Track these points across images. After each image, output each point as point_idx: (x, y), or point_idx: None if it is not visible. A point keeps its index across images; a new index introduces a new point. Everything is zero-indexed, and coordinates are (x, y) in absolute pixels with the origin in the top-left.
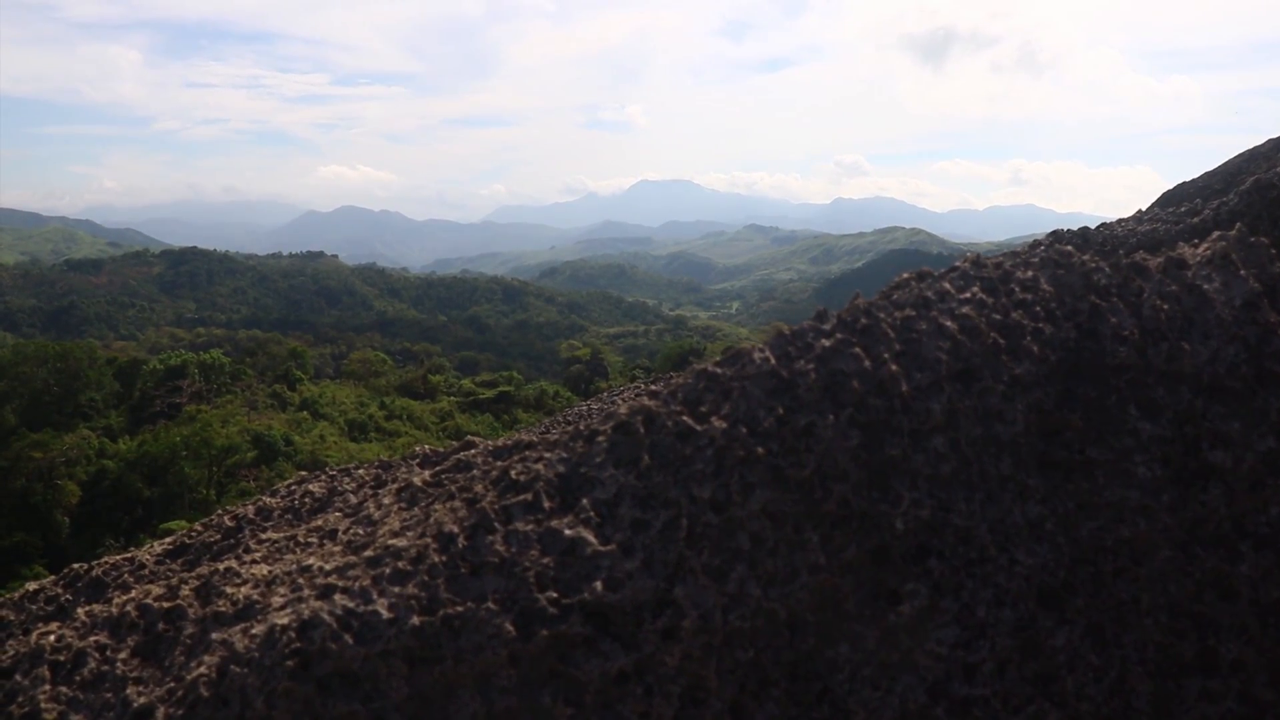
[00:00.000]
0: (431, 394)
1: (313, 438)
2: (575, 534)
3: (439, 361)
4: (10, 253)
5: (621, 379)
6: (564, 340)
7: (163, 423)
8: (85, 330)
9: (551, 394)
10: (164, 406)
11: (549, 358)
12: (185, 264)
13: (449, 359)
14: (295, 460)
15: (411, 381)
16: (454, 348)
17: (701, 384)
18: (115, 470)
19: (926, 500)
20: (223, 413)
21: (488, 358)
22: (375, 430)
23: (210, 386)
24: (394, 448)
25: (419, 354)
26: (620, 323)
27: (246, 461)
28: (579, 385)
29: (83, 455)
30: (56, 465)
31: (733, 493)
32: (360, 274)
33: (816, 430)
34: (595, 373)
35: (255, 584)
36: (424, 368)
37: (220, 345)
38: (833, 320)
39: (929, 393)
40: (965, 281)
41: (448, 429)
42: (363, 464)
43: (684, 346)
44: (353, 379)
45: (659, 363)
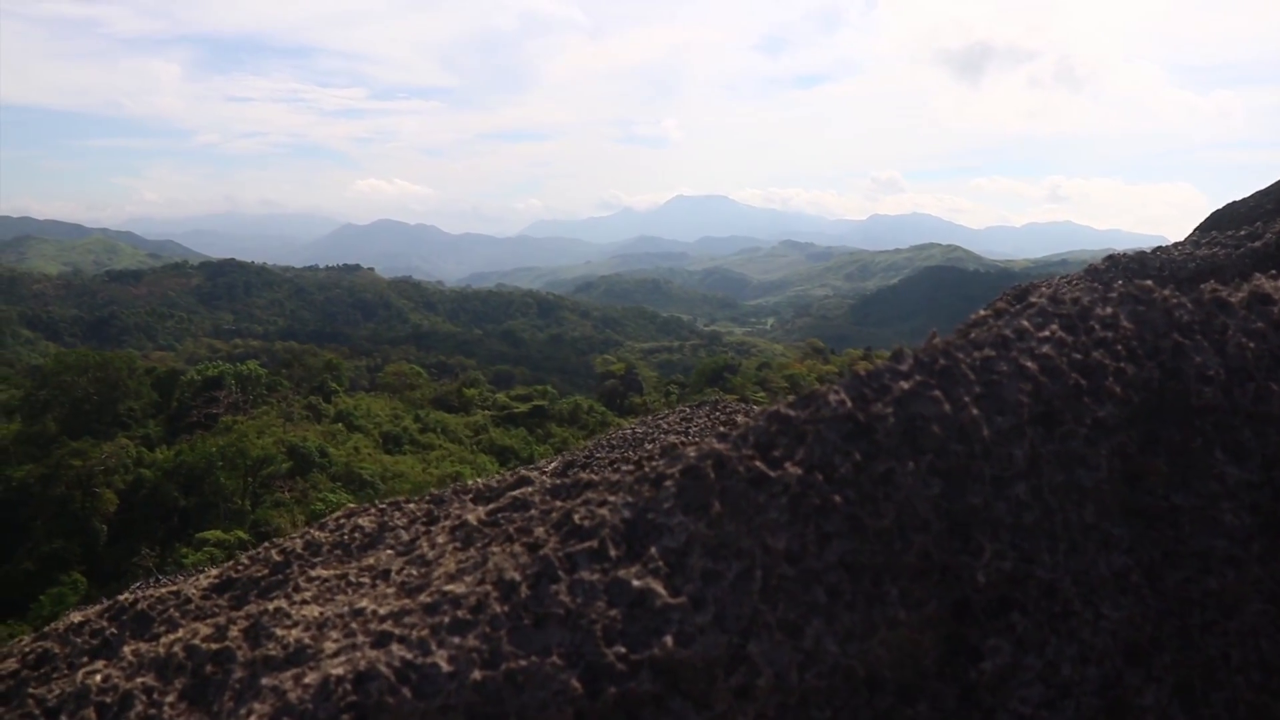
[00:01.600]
0: (466, 407)
1: (347, 449)
2: (644, 585)
3: (474, 375)
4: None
5: (656, 394)
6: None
7: (199, 433)
8: (125, 340)
9: (586, 409)
10: (201, 417)
11: (583, 372)
12: (223, 276)
13: (484, 372)
14: (330, 472)
15: (446, 394)
16: (489, 361)
17: (774, 427)
18: (152, 479)
19: (1009, 551)
20: (258, 424)
21: (522, 371)
22: (410, 443)
23: (246, 397)
24: (428, 460)
25: (454, 367)
26: (655, 338)
27: (281, 472)
28: (613, 400)
29: (121, 464)
30: (95, 473)
31: (808, 543)
32: (396, 287)
33: (896, 478)
34: (630, 388)
35: (306, 626)
36: (459, 381)
37: (257, 356)
38: (910, 361)
39: (1011, 437)
40: (1044, 319)
41: (482, 442)
42: (413, 498)
43: (719, 362)
44: (388, 391)
45: (693, 378)
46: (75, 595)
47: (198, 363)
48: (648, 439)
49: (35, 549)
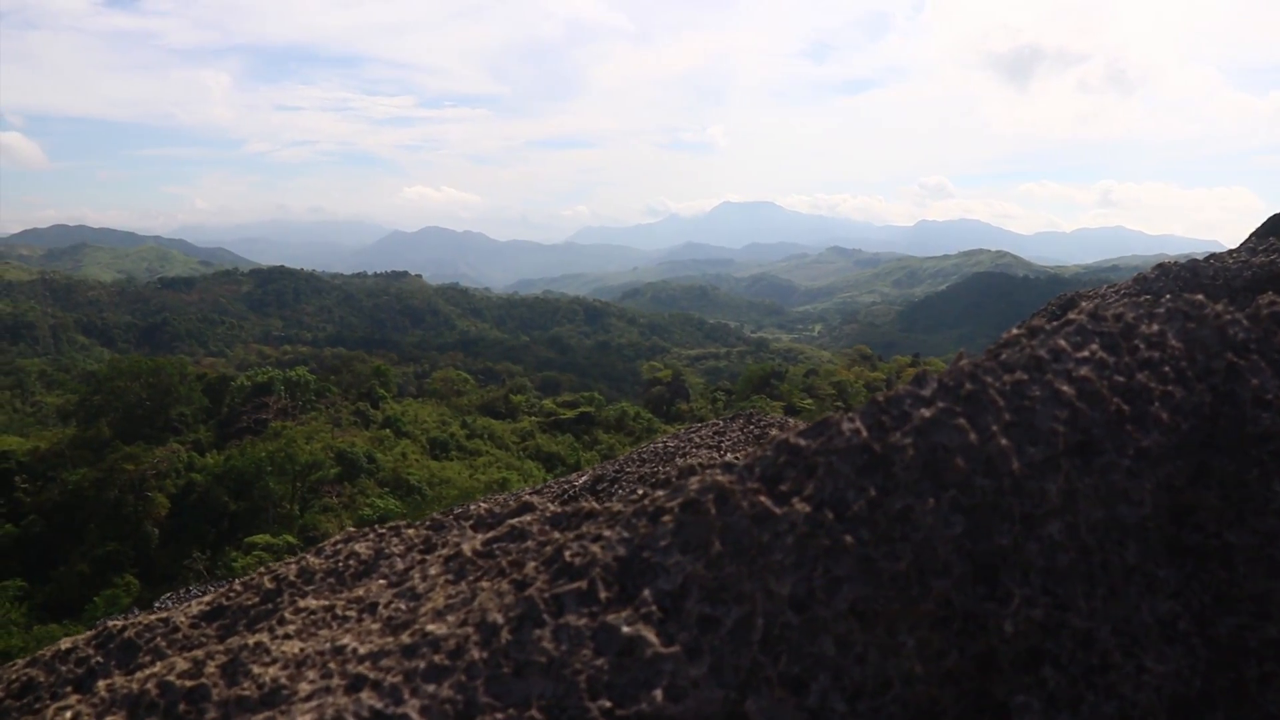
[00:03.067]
0: (513, 413)
1: (395, 455)
2: (634, 631)
3: (521, 381)
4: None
5: (702, 400)
6: (645, 361)
7: (249, 438)
8: (177, 346)
9: (632, 415)
10: (250, 422)
11: (630, 379)
12: (273, 283)
13: (531, 379)
14: (377, 477)
15: (493, 401)
16: (536, 368)
17: (782, 458)
18: (203, 483)
19: (1040, 597)
20: (307, 429)
21: (569, 378)
22: (456, 449)
23: (295, 403)
24: (475, 466)
25: (501, 373)
26: (702, 344)
27: (330, 477)
28: (660, 407)
29: (172, 468)
30: (147, 477)
31: (816, 588)
32: (444, 294)
33: (914, 515)
34: (676, 394)
35: (285, 664)
36: (506, 387)
37: (306, 363)
38: (933, 385)
39: (1043, 470)
40: (1083, 337)
41: (528, 448)
42: (414, 523)
43: (765, 369)
44: (435, 397)
45: (740, 385)
46: (128, 597)
47: (248, 369)
48: (679, 453)
49: (89, 551)
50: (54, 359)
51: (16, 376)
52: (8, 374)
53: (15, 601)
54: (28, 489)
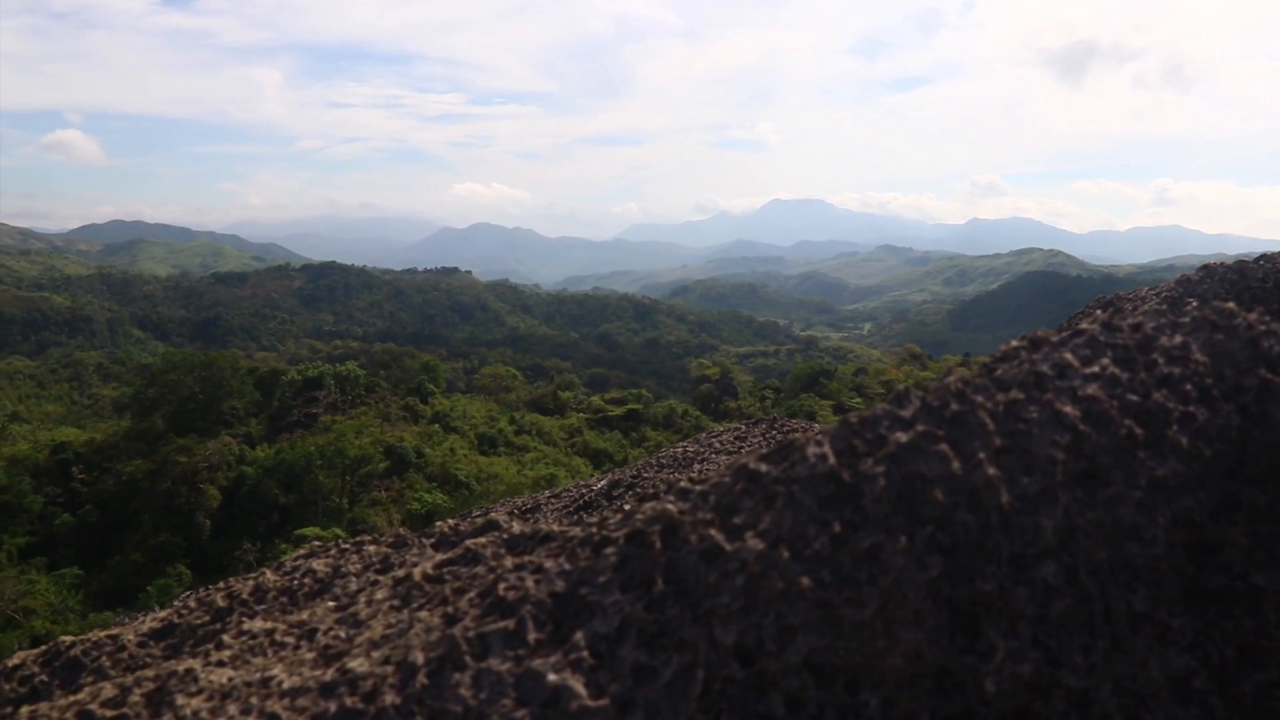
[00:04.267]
0: (561, 410)
1: (443, 450)
2: (560, 680)
3: (569, 378)
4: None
5: (751, 398)
6: (694, 359)
7: (299, 432)
8: (229, 340)
9: (681, 412)
10: (301, 416)
11: (679, 376)
12: (324, 278)
13: (579, 375)
14: (426, 472)
15: (542, 397)
16: (584, 364)
17: (739, 485)
18: (254, 476)
19: (1029, 651)
20: (357, 423)
21: (618, 375)
22: (505, 445)
23: (345, 398)
24: (523, 462)
25: (550, 370)
26: (751, 342)
27: (379, 472)
28: (708, 404)
29: (224, 461)
30: (200, 470)
31: (766, 638)
32: (493, 290)
33: (884, 555)
34: (725, 392)
35: (210, 695)
36: (554, 384)
37: (356, 357)
38: (914, 405)
39: (1038, 504)
40: (1093, 350)
41: (576, 445)
42: (378, 538)
43: (814, 368)
44: (484, 393)
45: (789, 383)
46: (180, 587)
47: (298, 363)
48: (699, 458)
49: (143, 541)
50: (110, 352)
51: (74, 369)
52: (66, 366)
53: (73, 589)
54: (84, 479)
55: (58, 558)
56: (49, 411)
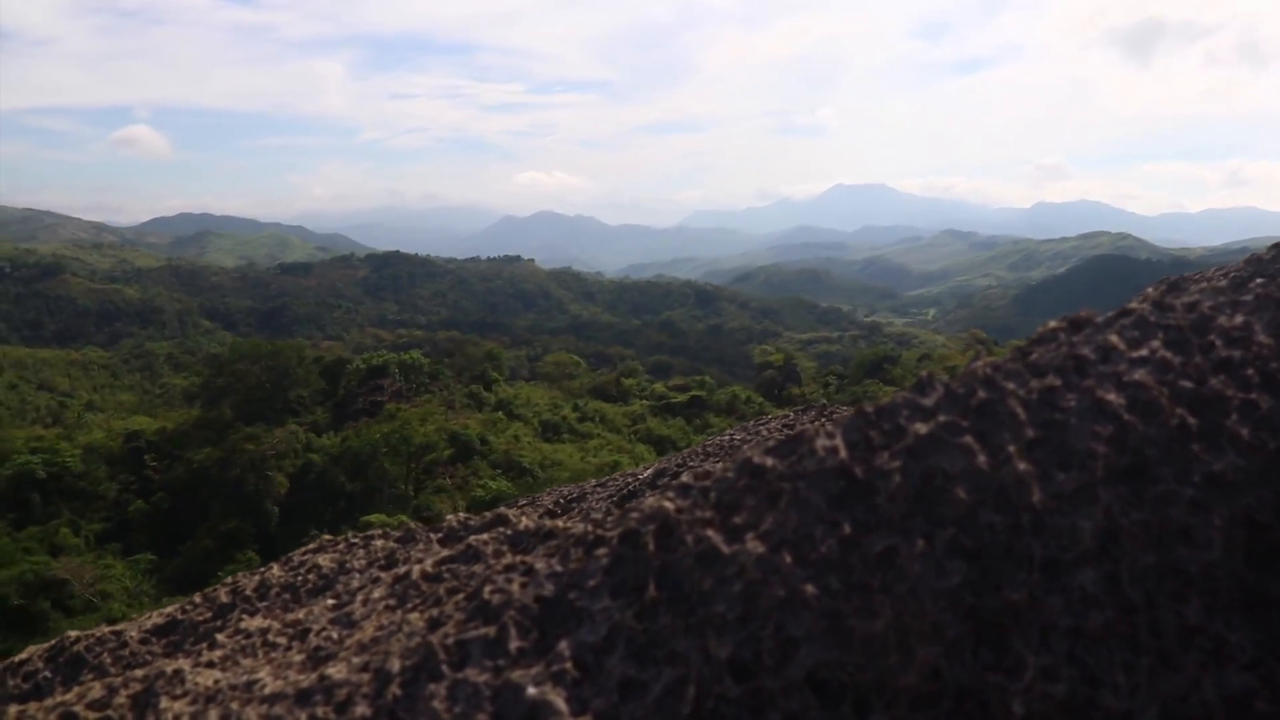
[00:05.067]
0: (624, 397)
1: (507, 438)
2: (539, 694)
3: (632, 365)
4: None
5: (814, 385)
6: (757, 345)
7: (365, 420)
8: (295, 330)
9: (744, 399)
10: (366, 404)
11: (742, 363)
12: (388, 267)
13: (642, 362)
14: (490, 459)
15: (605, 384)
16: (647, 351)
17: (742, 481)
18: (320, 464)
19: (1063, 668)
20: (421, 411)
21: (680, 362)
22: (568, 432)
23: (410, 386)
24: (586, 449)
25: (612, 357)
26: (814, 328)
27: (443, 459)
28: (771, 391)
29: (291, 449)
30: (267, 458)
31: (764, 651)
32: (556, 278)
33: (898, 560)
34: (788, 379)
35: (194, 698)
36: (617, 371)
37: (420, 346)
38: (938, 393)
39: (1075, 502)
40: (1142, 332)
41: (640, 432)
42: (389, 532)
43: (878, 353)
44: (547, 380)
45: (852, 369)
46: None
47: (363, 352)
48: (746, 446)
49: (213, 528)
50: (180, 342)
51: (146, 359)
52: (138, 356)
53: (146, 574)
54: (157, 467)
55: (132, 543)
56: (122, 401)
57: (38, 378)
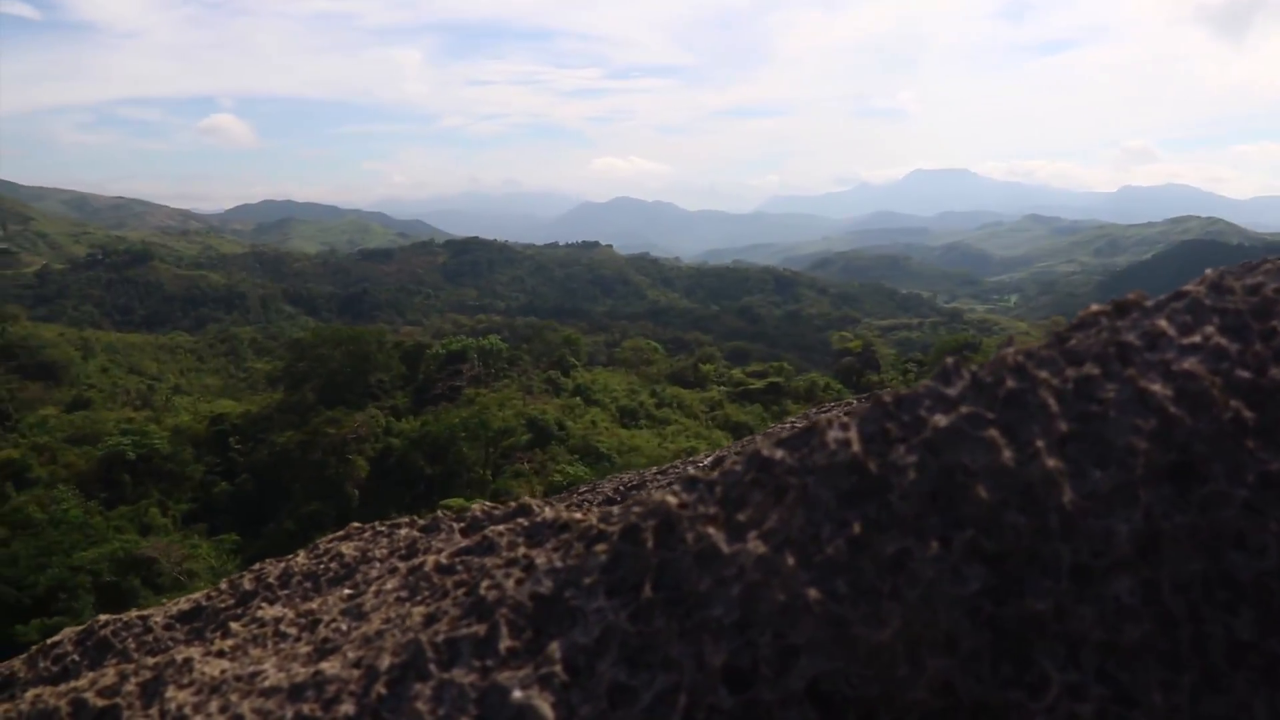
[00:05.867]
0: (702, 383)
1: (585, 423)
2: (525, 699)
3: (710, 351)
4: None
5: (893, 372)
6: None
7: (444, 404)
8: (376, 315)
9: (822, 386)
10: (445, 389)
11: (820, 349)
12: (467, 253)
13: (720, 348)
14: (568, 444)
15: (682, 370)
16: (725, 337)
17: (749, 475)
18: (400, 448)
19: (1093, 686)
20: (500, 396)
21: (758, 348)
22: (646, 418)
23: (488, 371)
24: (664, 435)
25: (690, 343)
26: (893, 315)
27: (521, 444)
28: (850, 378)
29: (371, 433)
30: (348, 441)
31: (762, 660)
32: (634, 263)
33: (911, 564)
34: (867, 365)
35: (199, 688)
36: (695, 356)
37: (498, 331)
38: (963, 382)
39: (1112, 504)
40: (1195, 316)
41: (717, 418)
42: (414, 522)
43: (959, 340)
44: (625, 366)
45: (932, 356)
46: None
47: (442, 337)
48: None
49: (296, 510)
50: (263, 327)
51: (230, 344)
52: (223, 341)
53: (230, 554)
54: (241, 450)
55: (216, 524)
56: (208, 384)
57: (128, 361)
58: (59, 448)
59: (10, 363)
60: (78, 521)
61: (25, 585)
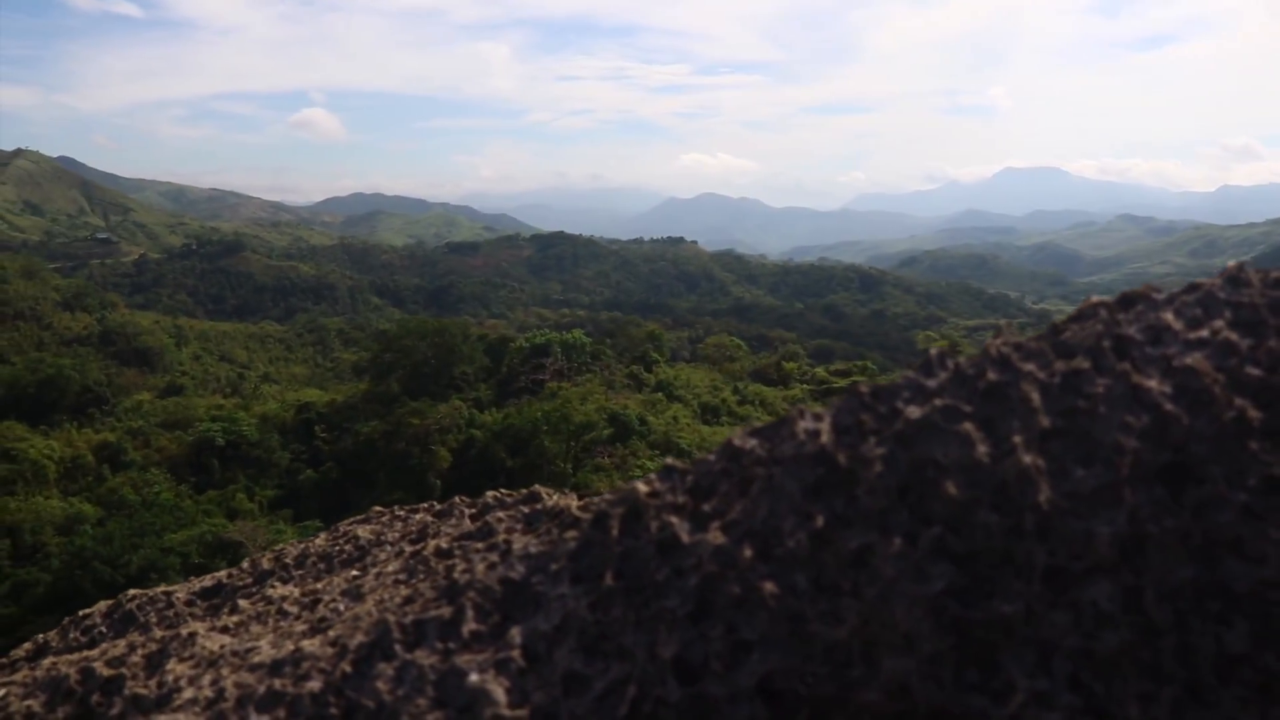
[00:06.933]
0: (785, 381)
1: (666, 419)
2: (480, 683)
3: (793, 348)
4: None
5: None
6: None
7: (526, 398)
8: (461, 308)
9: None
10: (528, 382)
11: (905, 349)
12: (553, 248)
13: (803, 346)
14: (649, 440)
15: (765, 367)
16: (809, 335)
17: (719, 465)
18: (482, 440)
19: (1063, 695)
20: (582, 390)
21: (843, 346)
22: (727, 414)
23: (571, 365)
24: None
25: (774, 340)
26: (980, 315)
27: (602, 439)
28: None
29: (454, 424)
30: (431, 432)
31: (714, 653)
32: (718, 260)
33: (873, 560)
34: None
35: (197, 662)
36: (778, 354)
37: (582, 326)
38: (945, 374)
39: (1094, 504)
40: (1206, 310)
41: None
42: (432, 507)
43: None
44: (707, 363)
45: None
46: None
47: (526, 331)
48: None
49: (379, 499)
50: (351, 318)
51: (319, 334)
52: (311, 331)
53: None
54: (326, 438)
55: (301, 510)
56: (295, 373)
57: (219, 349)
58: (152, 432)
59: (109, 349)
60: (169, 504)
61: (119, 564)
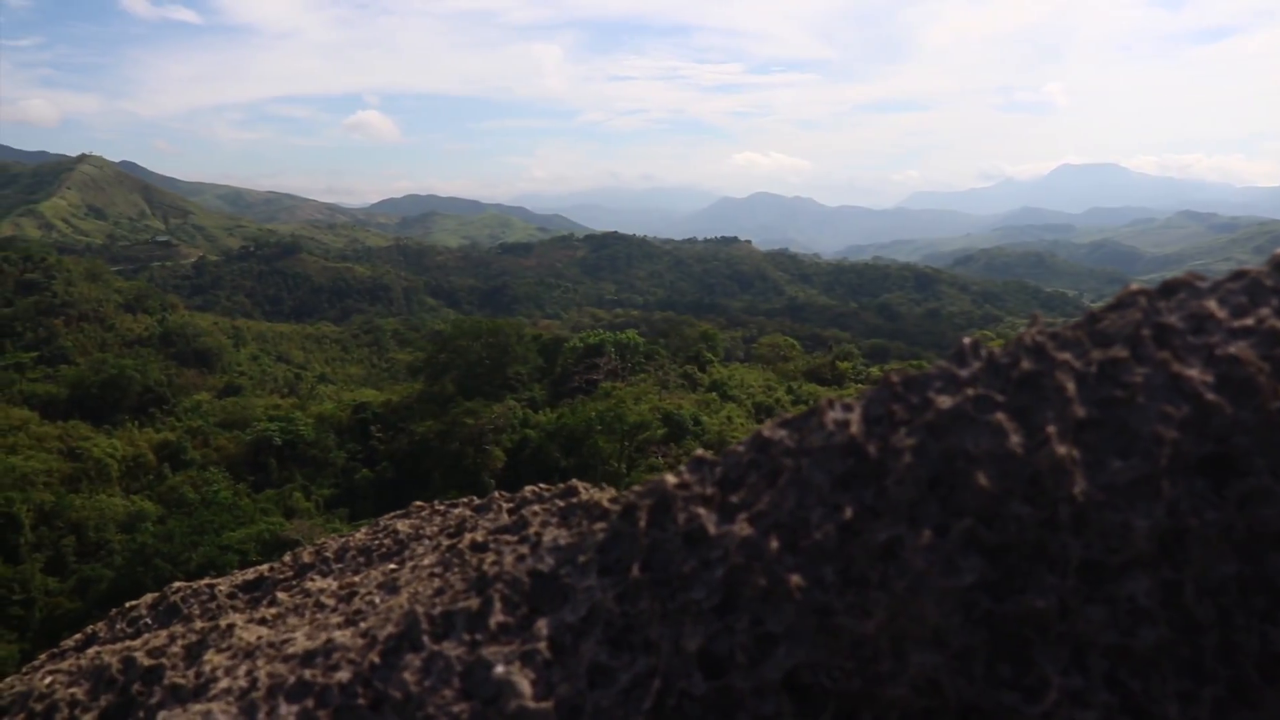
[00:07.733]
0: (839, 380)
1: (720, 419)
2: (505, 675)
3: (848, 348)
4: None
5: None
6: (977, 331)
7: (580, 397)
8: (515, 308)
9: None
10: (582, 382)
11: None
12: (606, 248)
13: (858, 346)
14: (703, 440)
15: (819, 367)
16: (863, 335)
17: (748, 456)
18: (536, 439)
19: (1098, 693)
20: (636, 390)
21: (898, 346)
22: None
23: (625, 365)
24: None
25: (828, 340)
26: None
27: (656, 438)
28: None
29: (508, 424)
30: (486, 432)
31: (739, 646)
32: (772, 259)
33: (902, 553)
34: None
35: (234, 654)
36: (832, 354)
37: (636, 325)
38: (978, 363)
39: (1131, 497)
40: (1253, 297)
41: None
42: (471, 501)
43: None
44: (761, 362)
45: None
46: None
47: (580, 330)
48: None
49: (434, 498)
50: (406, 319)
51: (374, 334)
52: (367, 332)
53: None
54: (381, 438)
55: (357, 509)
56: (351, 373)
57: (276, 350)
58: (211, 431)
59: (169, 349)
60: (227, 503)
61: (180, 561)
